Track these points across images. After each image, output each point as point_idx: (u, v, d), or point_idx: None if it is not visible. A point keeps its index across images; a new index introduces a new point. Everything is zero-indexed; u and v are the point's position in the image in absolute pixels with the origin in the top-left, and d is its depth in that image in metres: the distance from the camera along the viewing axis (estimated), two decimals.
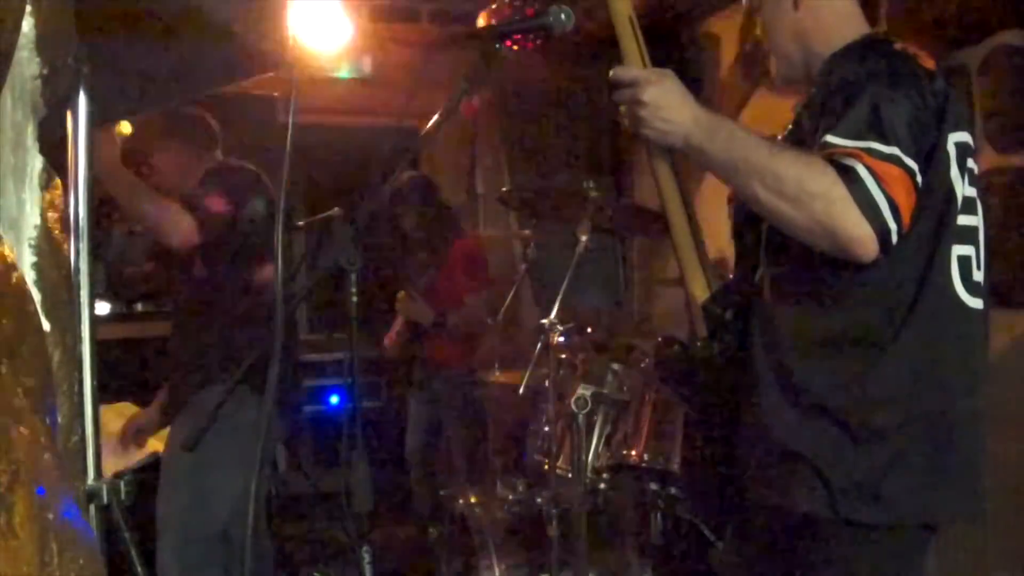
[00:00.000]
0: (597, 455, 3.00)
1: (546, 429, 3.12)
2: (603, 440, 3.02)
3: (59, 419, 0.99)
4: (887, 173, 1.53)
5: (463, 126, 5.56)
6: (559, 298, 2.97)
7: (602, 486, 3.05)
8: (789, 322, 1.70)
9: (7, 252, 0.91)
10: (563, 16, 1.77)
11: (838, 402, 1.64)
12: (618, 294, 5.45)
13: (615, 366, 3.03)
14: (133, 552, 1.41)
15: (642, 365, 3.05)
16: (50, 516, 0.88)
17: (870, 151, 1.54)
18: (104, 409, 1.45)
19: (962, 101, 1.66)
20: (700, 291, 1.80)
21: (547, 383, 2.97)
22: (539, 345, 2.97)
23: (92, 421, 1.39)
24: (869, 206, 1.51)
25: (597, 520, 3.02)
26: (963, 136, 1.69)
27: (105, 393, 1.45)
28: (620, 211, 3.30)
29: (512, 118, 5.39)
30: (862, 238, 1.52)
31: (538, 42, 4.18)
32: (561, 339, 2.95)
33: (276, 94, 4.63)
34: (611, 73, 1.78)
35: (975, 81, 3.24)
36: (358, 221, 1.58)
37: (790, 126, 1.84)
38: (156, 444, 3.21)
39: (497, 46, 1.85)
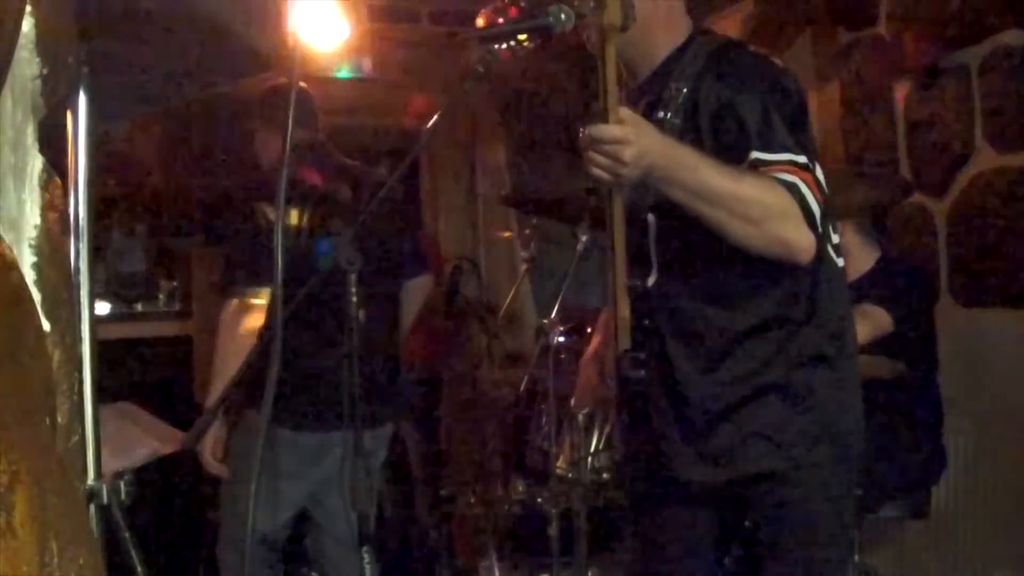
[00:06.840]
0: (597, 455, 3.01)
1: (546, 429, 3.13)
2: (603, 440, 3.02)
3: (59, 419, 0.99)
4: (810, 182, 1.69)
5: (463, 126, 5.56)
6: (559, 298, 2.97)
7: (602, 486, 3.05)
8: (706, 320, 1.84)
9: (7, 252, 0.91)
10: (563, 16, 1.77)
11: (771, 373, 1.81)
12: None
13: None
14: (133, 552, 1.42)
15: None
16: (50, 516, 0.88)
17: (794, 163, 1.69)
18: (104, 409, 1.45)
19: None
20: (625, 310, 1.82)
21: (547, 383, 2.98)
22: (539, 345, 2.97)
23: (92, 421, 1.39)
24: (809, 216, 1.69)
25: (597, 520, 3.02)
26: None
27: (105, 393, 1.45)
28: None
29: (512, 118, 5.39)
30: (809, 246, 1.70)
31: (538, 42, 4.17)
32: (561, 339, 2.96)
33: None
34: (590, 132, 1.67)
35: (975, 81, 3.24)
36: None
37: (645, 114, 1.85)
38: (156, 444, 3.20)
39: (497, 46, 1.85)
